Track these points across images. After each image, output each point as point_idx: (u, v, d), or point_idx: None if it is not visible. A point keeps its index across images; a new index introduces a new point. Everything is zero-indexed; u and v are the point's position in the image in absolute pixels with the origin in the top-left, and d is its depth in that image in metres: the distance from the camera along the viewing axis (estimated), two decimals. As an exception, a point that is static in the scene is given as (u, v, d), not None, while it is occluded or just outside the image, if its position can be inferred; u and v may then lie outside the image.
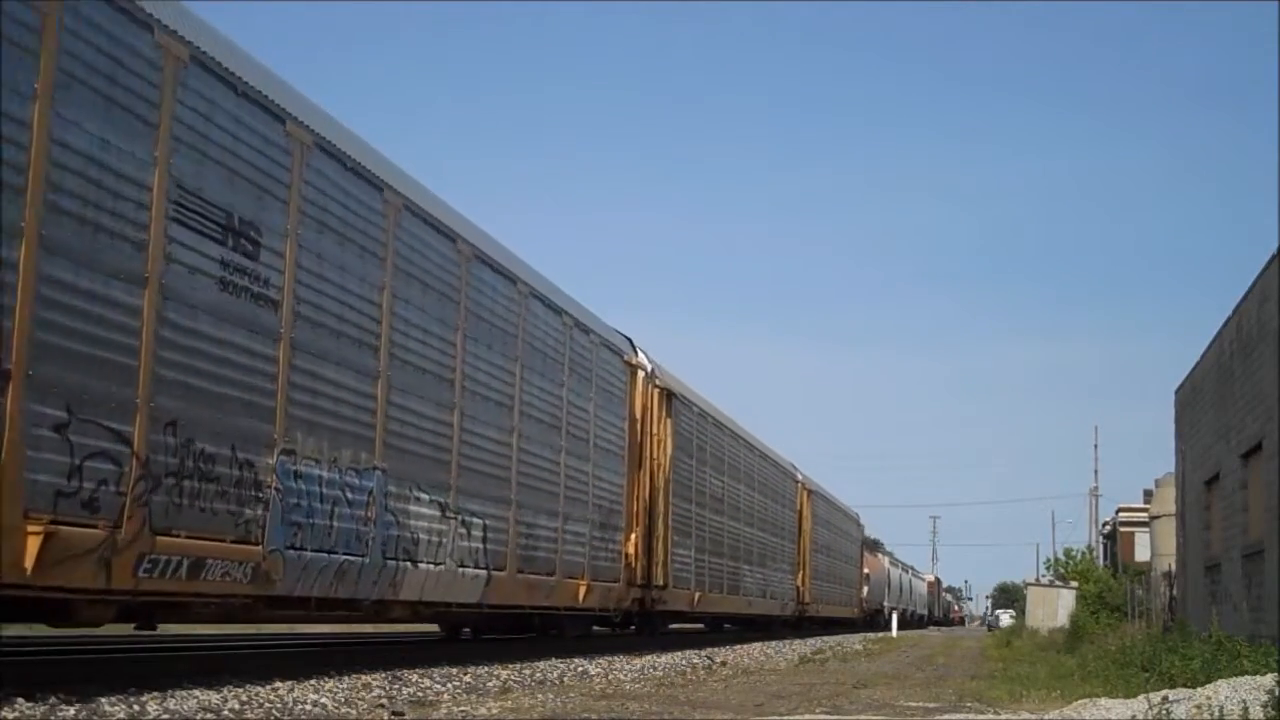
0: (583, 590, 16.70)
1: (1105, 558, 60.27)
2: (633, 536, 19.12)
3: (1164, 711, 8.46)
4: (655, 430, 20.62)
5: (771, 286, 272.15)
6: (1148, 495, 47.96)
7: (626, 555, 18.74)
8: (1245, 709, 8.44)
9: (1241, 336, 18.55)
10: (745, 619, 31.64)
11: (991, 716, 9.61)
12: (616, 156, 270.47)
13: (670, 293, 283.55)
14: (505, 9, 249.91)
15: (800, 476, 36.84)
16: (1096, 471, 78.53)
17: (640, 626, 22.98)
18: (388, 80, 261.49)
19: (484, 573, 13.68)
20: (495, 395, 14.05)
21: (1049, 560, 68.23)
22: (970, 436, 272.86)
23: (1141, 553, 51.05)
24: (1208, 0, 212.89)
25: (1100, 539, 66.49)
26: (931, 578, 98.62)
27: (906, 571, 77.88)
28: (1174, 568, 29.78)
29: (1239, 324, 18.77)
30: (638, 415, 19.83)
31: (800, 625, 37.95)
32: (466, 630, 18.47)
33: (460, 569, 13.11)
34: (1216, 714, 8.40)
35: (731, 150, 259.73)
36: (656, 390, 20.78)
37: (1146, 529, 48.11)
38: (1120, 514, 58.83)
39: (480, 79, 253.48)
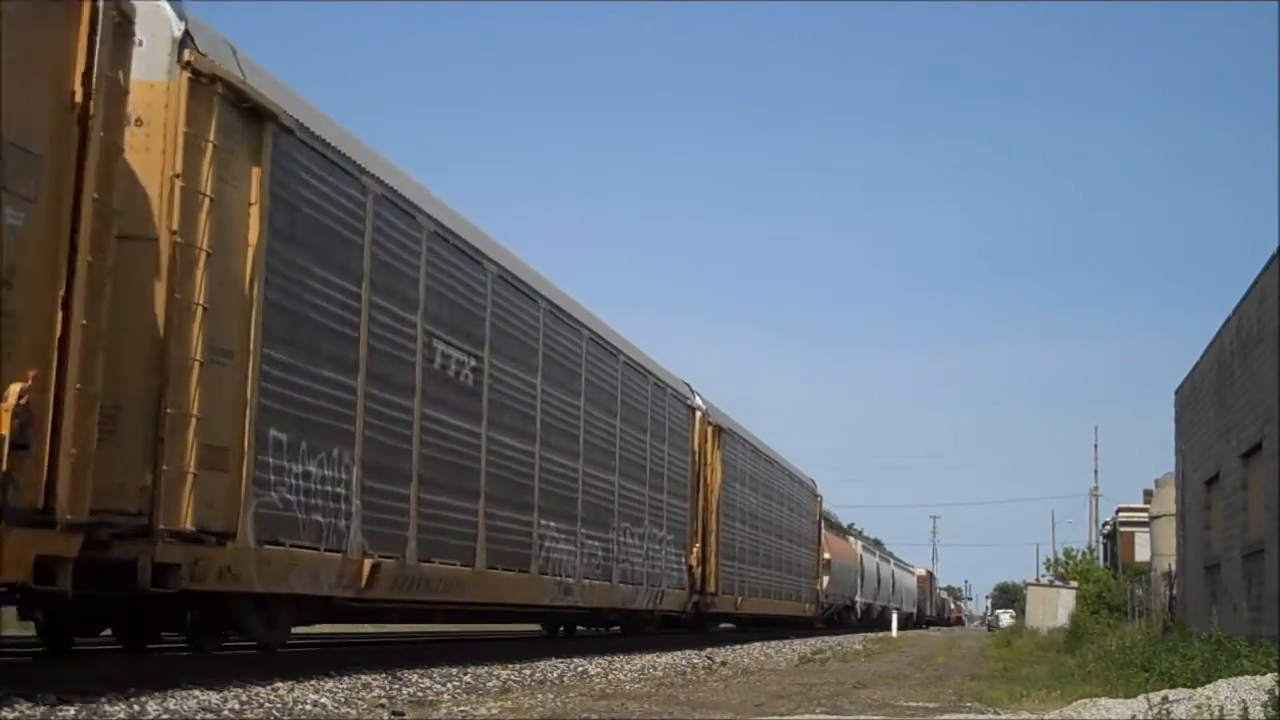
0: None
1: (1105, 558, 60.24)
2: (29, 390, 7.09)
3: (1164, 711, 8.45)
4: (182, 169, 8.89)
5: (769, 287, 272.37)
6: (1148, 495, 47.94)
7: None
8: (1245, 709, 8.44)
9: (1241, 336, 18.55)
10: (559, 613, 19.78)
11: (991, 716, 9.61)
12: (615, 156, 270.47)
13: (667, 293, 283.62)
14: (505, 9, 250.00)
15: (701, 403, 24.45)
16: (1096, 471, 78.80)
17: (199, 635, 10.48)
18: (388, 80, 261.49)
19: None
20: None
21: (1049, 560, 68.27)
22: (970, 436, 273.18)
23: (1141, 553, 51.08)
24: (1208, 0, 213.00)
25: (1100, 539, 66.49)
26: (923, 571, 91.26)
27: (888, 561, 67.98)
28: (1174, 568, 29.78)
29: (1239, 324, 18.77)
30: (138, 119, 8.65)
31: (700, 625, 26.62)
32: None
33: None
34: (1216, 714, 8.39)
35: (731, 150, 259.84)
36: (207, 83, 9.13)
37: (1146, 529, 48.13)
38: (1120, 514, 58.88)
39: (480, 79, 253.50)
